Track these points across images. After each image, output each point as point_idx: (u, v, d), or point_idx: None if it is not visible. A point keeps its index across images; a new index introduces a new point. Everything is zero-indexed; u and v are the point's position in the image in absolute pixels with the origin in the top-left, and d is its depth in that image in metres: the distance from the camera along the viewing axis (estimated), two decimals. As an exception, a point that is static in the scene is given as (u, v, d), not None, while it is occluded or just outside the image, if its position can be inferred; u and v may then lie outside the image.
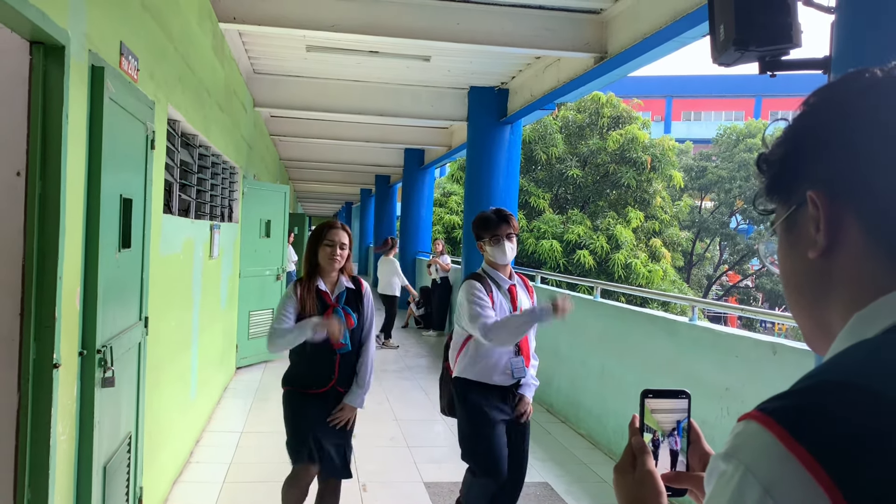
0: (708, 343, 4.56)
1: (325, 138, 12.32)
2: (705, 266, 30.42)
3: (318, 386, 3.44)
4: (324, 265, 3.46)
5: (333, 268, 3.48)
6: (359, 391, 3.49)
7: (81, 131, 2.62)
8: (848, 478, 0.52)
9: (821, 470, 0.53)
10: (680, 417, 1.06)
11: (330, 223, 3.51)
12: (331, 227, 3.49)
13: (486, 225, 3.53)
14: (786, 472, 0.55)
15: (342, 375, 3.46)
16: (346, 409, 3.45)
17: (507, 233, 3.51)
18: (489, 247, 3.53)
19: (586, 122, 19.62)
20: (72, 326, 2.59)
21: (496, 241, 3.50)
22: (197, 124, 5.06)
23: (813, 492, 0.53)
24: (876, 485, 0.52)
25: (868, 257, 0.67)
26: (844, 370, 0.60)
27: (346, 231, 3.50)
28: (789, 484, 0.54)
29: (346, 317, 3.44)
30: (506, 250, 3.51)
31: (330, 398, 3.46)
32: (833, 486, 0.52)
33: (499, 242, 3.50)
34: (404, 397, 7.52)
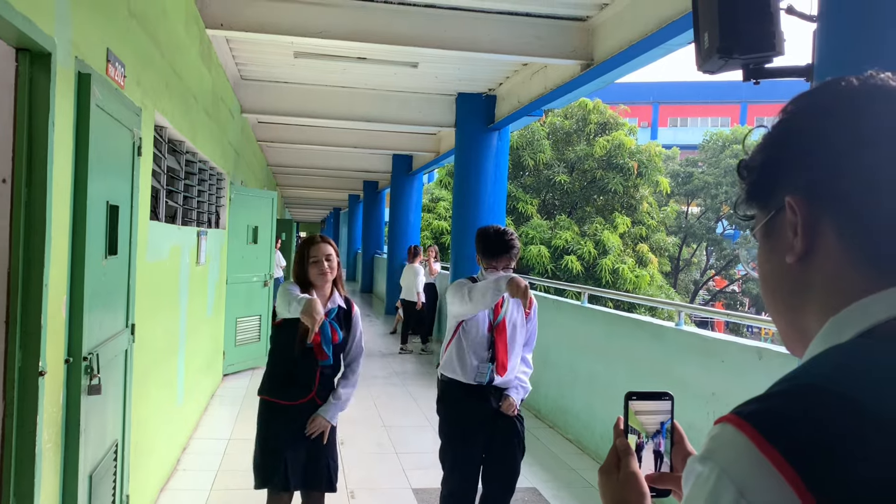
0: (695, 348, 4.59)
1: (312, 144, 12.31)
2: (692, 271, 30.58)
3: (297, 397, 3.37)
4: (315, 282, 3.42)
5: (326, 281, 3.45)
6: (334, 405, 3.41)
7: (68, 138, 2.61)
8: (818, 480, 0.53)
9: (792, 472, 0.54)
10: (663, 419, 1.08)
11: (311, 239, 3.48)
12: (312, 243, 3.45)
13: (486, 251, 3.52)
14: (759, 474, 0.56)
15: (322, 388, 3.41)
16: (317, 420, 3.36)
17: (504, 265, 3.50)
18: (483, 270, 3.53)
19: (573, 129, 19.71)
20: (58, 334, 2.58)
21: (491, 271, 3.49)
22: (184, 130, 5.05)
23: (785, 493, 0.54)
24: (845, 487, 0.53)
25: (843, 263, 0.68)
26: (817, 375, 0.61)
27: (328, 243, 3.47)
28: (762, 486, 0.55)
29: (332, 331, 3.41)
30: None
31: (307, 411, 3.39)
32: (804, 488, 0.53)
33: (495, 273, 3.48)
34: (392, 404, 7.51)
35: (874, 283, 0.67)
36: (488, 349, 3.51)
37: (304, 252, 3.44)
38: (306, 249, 3.43)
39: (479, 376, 3.50)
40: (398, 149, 12.92)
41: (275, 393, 3.40)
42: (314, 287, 3.43)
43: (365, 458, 5.58)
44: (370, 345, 11.25)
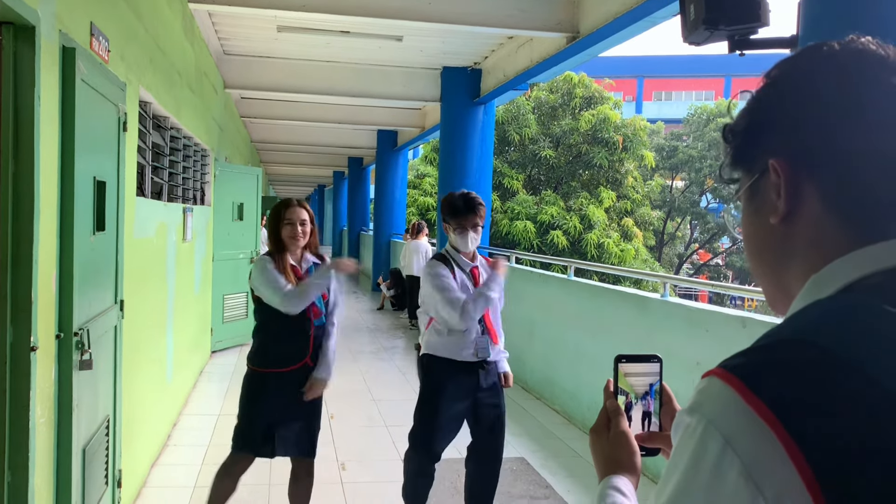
0: (679, 318, 4.65)
1: (296, 120, 12.23)
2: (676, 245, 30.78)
3: (292, 363, 3.39)
4: (288, 244, 3.44)
5: (298, 245, 3.46)
6: (326, 363, 3.45)
7: (54, 113, 2.60)
8: (801, 428, 0.56)
9: (776, 421, 0.57)
10: (652, 381, 1.11)
11: (286, 202, 3.49)
12: (287, 206, 3.46)
13: (452, 211, 3.52)
14: (745, 423, 0.58)
15: (315, 349, 3.44)
16: (315, 383, 3.41)
17: (472, 223, 3.51)
18: (453, 234, 3.54)
19: (559, 103, 19.68)
20: (48, 310, 2.58)
21: (461, 231, 3.50)
22: (168, 106, 5.01)
23: (769, 442, 0.57)
24: (823, 433, 0.55)
25: (825, 223, 0.70)
26: (798, 329, 0.64)
27: (304, 207, 3.48)
28: (748, 435, 0.58)
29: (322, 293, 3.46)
30: (468, 241, 3.52)
31: (302, 375, 3.42)
32: (787, 436, 0.56)
33: (463, 232, 3.50)
34: (381, 378, 7.56)
35: (855, 241, 0.69)
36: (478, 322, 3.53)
37: (279, 212, 3.45)
38: (282, 210, 3.45)
39: (482, 351, 3.51)
40: (383, 124, 12.86)
41: (269, 363, 3.41)
42: (285, 250, 3.44)
43: (355, 431, 5.64)
44: (358, 321, 11.30)
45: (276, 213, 3.46)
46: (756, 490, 0.57)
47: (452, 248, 3.60)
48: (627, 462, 1.03)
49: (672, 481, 0.64)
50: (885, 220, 0.69)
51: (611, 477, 1.02)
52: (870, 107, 0.69)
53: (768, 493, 0.56)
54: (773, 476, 0.56)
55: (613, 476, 1.02)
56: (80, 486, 2.93)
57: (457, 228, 3.51)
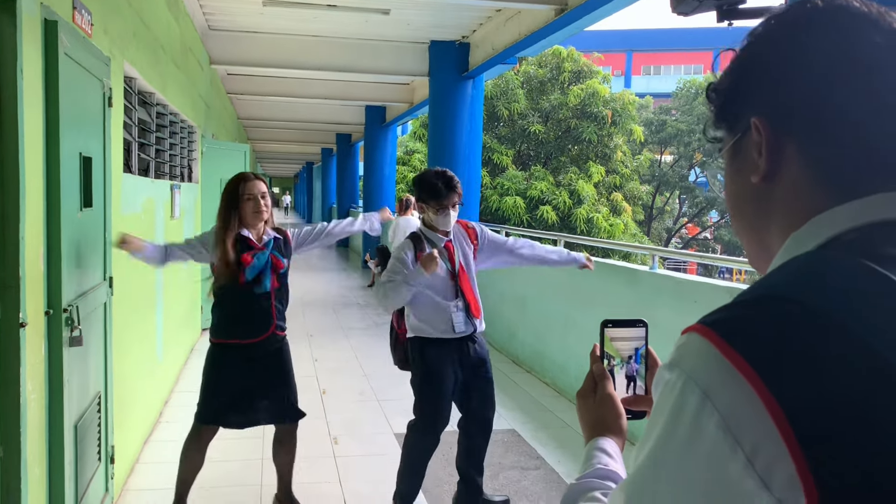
0: (668, 290, 4.68)
1: (283, 96, 12.13)
2: (665, 219, 30.87)
3: (257, 334, 3.40)
4: (250, 221, 3.36)
5: (261, 220, 3.39)
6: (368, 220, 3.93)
7: (37, 88, 2.57)
8: (777, 380, 0.57)
9: (754, 374, 0.57)
10: (638, 345, 1.12)
11: (243, 176, 3.39)
12: (245, 179, 3.37)
13: (433, 193, 3.49)
14: (723, 377, 0.59)
15: (279, 320, 3.47)
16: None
17: (452, 203, 3.50)
18: (433, 214, 3.51)
19: (548, 77, 19.58)
20: (36, 286, 2.57)
21: (443, 211, 3.49)
22: (153, 82, 4.95)
23: (747, 394, 0.57)
24: (799, 384, 0.56)
25: (806, 182, 0.71)
26: (776, 284, 0.65)
27: (261, 180, 3.42)
28: (726, 388, 0.59)
29: (276, 261, 3.43)
30: (450, 220, 3.52)
31: (269, 345, 3.44)
32: (764, 389, 0.57)
33: (444, 213, 3.49)
34: (371, 353, 7.59)
35: (835, 199, 0.69)
36: (455, 297, 3.54)
37: (237, 188, 3.35)
38: (240, 185, 3.35)
39: (458, 326, 3.52)
40: (371, 100, 12.77)
41: (234, 334, 3.40)
42: (247, 226, 3.37)
43: (347, 405, 5.67)
44: (349, 298, 11.31)
45: (233, 189, 3.35)
46: (734, 442, 0.58)
47: (428, 227, 3.58)
48: (613, 424, 1.05)
49: (653, 435, 0.65)
50: (865, 177, 0.69)
51: (597, 438, 1.04)
52: (853, 65, 0.69)
53: (746, 444, 0.57)
54: (751, 428, 0.57)
55: (599, 438, 1.04)
56: (73, 461, 2.94)
57: (438, 209, 3.49)
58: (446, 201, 3.48)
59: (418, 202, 3.56)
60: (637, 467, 0.67)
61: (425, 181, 3.53)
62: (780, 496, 0.56)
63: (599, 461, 0.99)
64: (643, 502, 0.65)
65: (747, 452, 0.57)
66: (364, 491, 4.07)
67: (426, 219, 3.58)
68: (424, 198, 3.52)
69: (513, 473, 4.35)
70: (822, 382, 0.56)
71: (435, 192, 3.48)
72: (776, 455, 0.56)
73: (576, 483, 0.96)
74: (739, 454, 0.57)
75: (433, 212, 3.51)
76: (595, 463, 0.99)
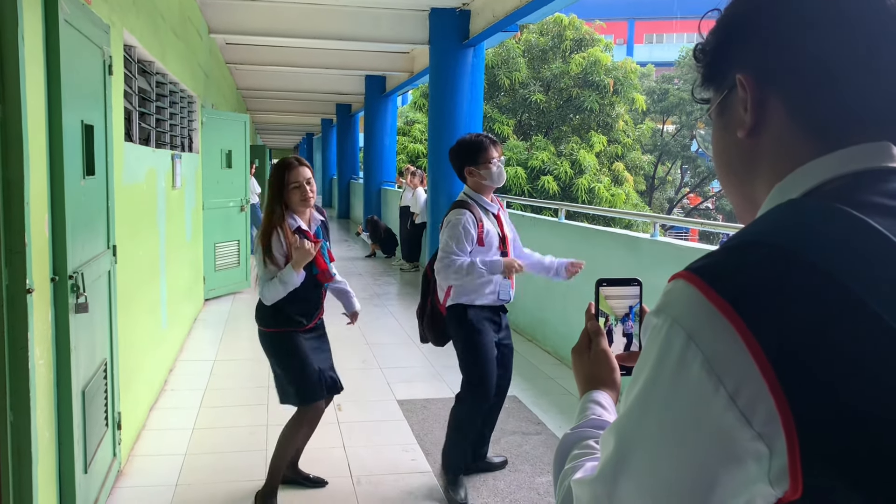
0: (669, 257, 4.70)
1: (282, 66, 12.03)
2: (667, 189, 30.79)
3: (308, 322, 3.44)
4: (298, 208, 3.34)
5: (308, 206, 3.38)
6: (353, 297, 3.80)
7: (38, 54, 2.57)
8: (757, 321, 0.59)
9: (736, 315, 0.60)
10: (632, 303, 1.14)
11: (287, 164, 3.32)
12: (290, 167, 3.30)
13: (479, 149, 3.49)
14: (707, 319, 0.62)
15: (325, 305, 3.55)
16: (355, 315, 3.84)
17: (497, 156, 3.52)
18: (485, 171, 3.49)
19: (549, 46, 19.40)
20: (42, 253, 2.59)
21: (493, 164, 3.49)
22: (153, 50, 4.93)
23: (730, 335, 0.60)
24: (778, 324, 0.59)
25: (790, 135, 0.72)
26: (758, 231, 0.67)
27: (306, 165, 3.36)
28: (709, 329, 0.61)
29: (329, 252, 3.47)
30: (503, 172, 3.55)
31: (317, 329, 3.53)
32: (745, 329, 0.59)
33: (497, 165, 3.50)
34: (375, 323, 7.64)
35: (818, 151, 0.71)
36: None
37: (282, 178, 3.29)
38: (285, 174, 3.29)
39: (504, 293, 3.60)
40: (371, 69, 12.67)
41: (293, 324, 3.40)
42: (296, 213, 3.36)
43: (350, 373, 5.71)
44: (349, 268, 11.34)
45: (280, 178, 3.29)
46: (717, 381, 0.60)
47: (474, 190, 3.57)
48: (607, 378, 1.08)
49: (641, 377, 0.68)
50: (848, 128, 0.70)
51: (591, 391, 1.07)
52: (835, 17, 0.69)
53: (728, 383, 0.60)
54: (733, 367, 0.60)
55: (594, 391, 1.07)
56: (81, 426, 2.99)
57: (488, 163, 3.47)
58: (494, 152, 3.50)
59: (466, 168, 3.51)
60: (626, 408, 0.70)
61: (467, 143, 3.53)
62: (761, 430, 0.59)
63: (593, 412, 1.02)
64: (632, 441, 0.68)
65: (730, 390, 0.60)
66: (367, 455, 4.13)
67: (474, 184, 3.56)
68: (470, 160, 3.50)
69: (514, 438, 4.41)
70: (798, 320, 0.59)
71: (479, 147, 3.49)
72: (756, 391, 0.59)
73: (570, 433, 0.99)
74: (722, 392, 0.60)
75: (484, 168, 3.49)
76: (589, 414, 1.02)
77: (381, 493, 3.68)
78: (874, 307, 0.57)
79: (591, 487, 0.72)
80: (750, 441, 0.59)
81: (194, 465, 3.95)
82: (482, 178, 3.51)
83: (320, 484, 3.70)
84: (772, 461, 0.58)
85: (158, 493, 3.60)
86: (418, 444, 4.31)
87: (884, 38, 0.68)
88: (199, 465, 3.96)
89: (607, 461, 0.70)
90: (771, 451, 0.58)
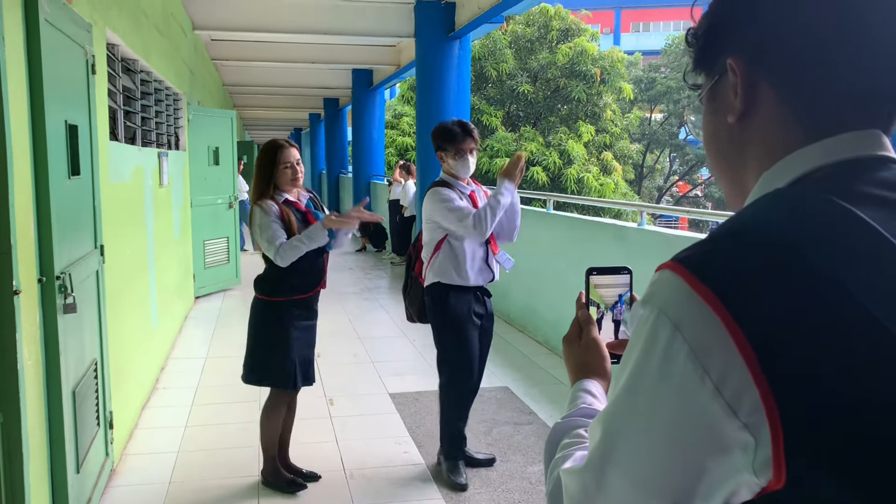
0: (657, 246, 4.73)
1: (268, 61, 11.97)
2: (656, 178, 30.85)
3: (311, 289, 3.48)
4: (286, 187, 3.44)
5: (297, 186, 3.50)
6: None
7: (20, 55, 2.55)
8: (741, 309, 0.60)
9: (720, 305, 0.60)
10: (622, 291, 1.15)
11: (278, 145, 3.43)
12: (281, 148, 3.42)
13: (450, 138, 3.53)
14: (692, 309, 0.62)
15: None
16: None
17: (470, 148, 3.54)
18: (452, 160, 3.54)
19: (535, 36, 19.38)
20: (28, 254, 2.59)
21: (461, 155, 3.53)
22: (137, 48, 4.90)
23: (714, 325, 0.60)
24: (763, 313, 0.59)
25: (780, 121, 0.72)
26: (743, 220, 0.67)
27: (295, 147, 3.50)
28: (695, 320, 0.61)
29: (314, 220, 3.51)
30: (469, 165, 3.56)
31: (312, 305, 3.55)
32: (730, 318, 0.60)
33: (463, 157, 3.53)
34: (365, 317, 7.65)
35: (808, 138, 0.70)
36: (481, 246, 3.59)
37: (274, 157, 3.40)
38: (278, 153, 3.40)
39: (507, 263, 3.68)
40: (357, 63, 12.63)
41: (290, 291, 3.43)
42: (283, 192, 3.46)
43: (342, 367, 5.73)
44: (340, 263, 11.33)
45: (271, 158, 3.40)
46: (703, 371, 0.60)
47: (448, 174, 3.61)
48: (598, 367, 1.08)
49: (627, 368, 0.68)
50: (837, 116, 0.70)
51: (582, 380, 1.06)
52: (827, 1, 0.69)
53: (713, 373, 0.60)
54: (718, 357, 0.60)
55: (584, 380, 1.06)
56: (72, 426, 2.99)
57: (456, 154, 3.52)
58: (463, 145, 3.52)
59: (437, 152, 3.58)
60: (613, 399, 0.70)
61: (442, 128, 3.57)
62: (747, 421, 0.59)
63: (584, 401, 1.02)
64: (619, 431, 0.68)
65: (715, 381, 0.60)
66: (360, 448, 4.14)
67: (445, 169, 3.60)
68: (442, 145, 3.55)
69: (506, 429, 4.44)
70: (783, 311, 0.59)
71: (451, 136, 3.52)
72: (741, 382, 0.59)
73: (560, 422, 0.99)
74: (708, 383, 0.60)
75: (451, 157, 3.54)
76: (580, 403, 1.02)
77: (374, 486, 3.70)
78: (861, 300, 0.57)
79: (579, 476, 0.73)
80: (736, 431, 0.59)
81: (187, 462, 3.96)
82: (450, 166, 3.57)
83: (314, 479, 3.72)
84: (757, 451, 0.59)
85: (152, 491, 3.61)
86: (411, 436, 4.32)
87: (875, 13, 0.68)
88: (192, 462, 3.96)
89: (595, 450, 0.71)
90: (756, 441, 0.59)
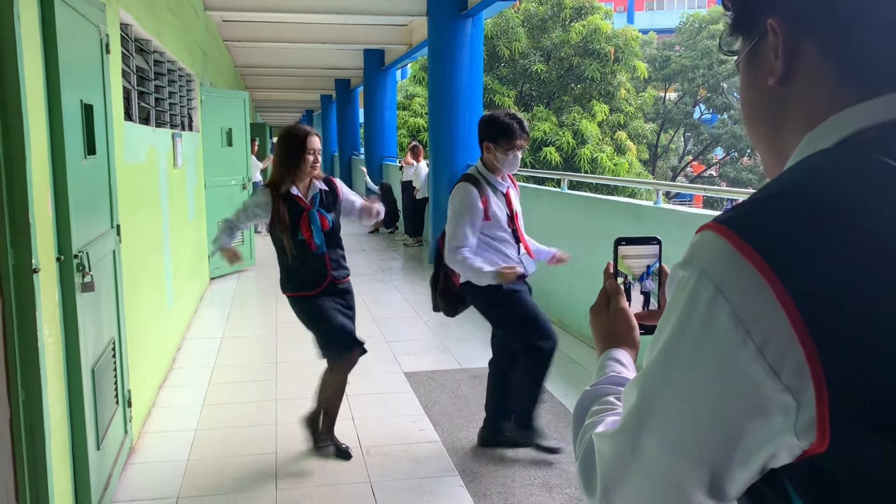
0: (673, 223, 4.70)
1: (280, 41, 11.95)
2: (670, 157, 30.62)
3: (317, 286, 3.57)
4: (306, 173, 3.53)
5: (313, 174, 3.56)
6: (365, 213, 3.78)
7: (35, 34, 2.55)
8: (788, 271, 0.58)
9: (765, 266, 0.59)
10: (650, 262, 1.13)
11: (307, 132, 3.52)
12: (310, 134, 3.51)
13: (506, 132, 3.48)
14: (735, 270, 0.60)
15: (335, 268, 3.62)
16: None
17: (521, 145, 3.52)
18: (501, 154, 3.50)
19: (548, 15, 19.21)
20: (46, 233, 2.60)
21: (512, 150, 3.49)
22: (149, 28, 4.90)
23: (759, 285, 0.59)
24: (811, 275, 0.58)
25: (822, 83, 0.69)
26: (788, 181, 0.65)
27: (317, 135, 3.59)
28: (738, 280, 0.60)
29: (321, 218, 3.53)
30: (517, 162, 3.55)
31: (332, 291, 3.62)
32: (776, 279, 0.58)
33: (514, 153, 3.51)
34: (379, 298, 7.67)
35: (852, 99, 0.68)
36: (515, 242, 3.60)
37: (303, 143, 3.47)
38: (305, 140, 3.48)
39: (530, 267, 3.66)
40: (369, 42, 12.58)
41: (299, 288, 3.61)
42: (298, 177, 3.52)
43: (356, 347, 5.75)
44: (353, 244, 11.35)
45: (299, 144, 3.47)
46: (745, 332, 0.59)
47: (485, 167, 3.58)
48: (626, 336, 1.06)
49: (666, 330, 0.67)
50: (883, 76, 0.67)
51: (610, 349, 1.04)
52: None
53: (756, 335, 0.59)
54: (762, 318, 0.59)
55: (613, 349, 1.04)
56: (91, 404, 3.02)
57: (507, 149, 3.49)
58: (519, 141, 3.49)
59: (485, 143, 3.53)
60: (650, 361, 0.69)
61: (497, 120, 3.52)
62: (788, 383, 0.58)
63: (613, 369, 1.00)
64: (656, 394, 0.67)
65: (758, 343, 0.59)
66: (376, 426, 4.17)
67: (488, 161, 3.56)
68: (495, 137, 3.50)
69: (521, 407, 4.44)
70: (829, 271, 0.58)
71: (508, 131, 3.48)
72: (786, 343, 0.58)
73: (589, 389, 0.97)
74: (750, 344, 0.59)
75: (502, 151, 3.50)
76: (609, 371, 1.00)
77: (391, 463, 3.72)
78: None
79: (613, 441, 0.72)
80: (777, 393, 0.59)
81: (205, 440, 4.00)
82: (495, 159, 3.54)
83: (345, 456, 3.75)
84: (799, 413, 0.58)
85: (170, 469, 3.65)
86: (426, 414, 4.35)
87: None
88: (210, 440, 4.00)
89: (630, 414, 0.70)
90: (798, 404, 0.58)
